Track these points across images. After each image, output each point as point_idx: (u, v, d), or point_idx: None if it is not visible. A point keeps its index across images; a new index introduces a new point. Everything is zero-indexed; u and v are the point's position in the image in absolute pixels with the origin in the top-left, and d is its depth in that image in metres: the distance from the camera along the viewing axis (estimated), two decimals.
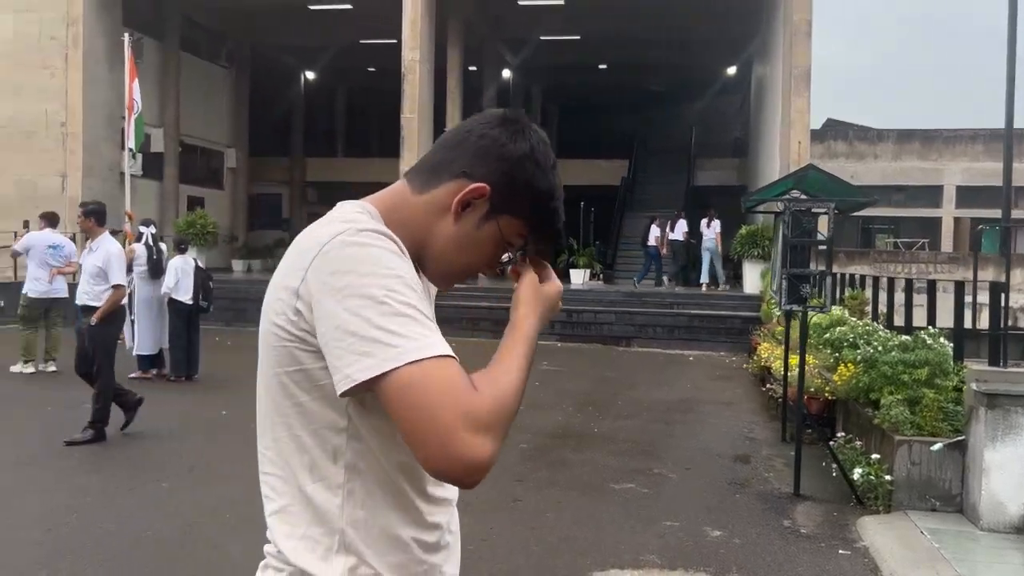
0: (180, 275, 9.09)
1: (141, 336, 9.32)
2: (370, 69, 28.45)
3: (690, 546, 4.57)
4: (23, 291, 9.51)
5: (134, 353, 9.31)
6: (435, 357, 1.02)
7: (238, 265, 22.72)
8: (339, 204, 1.25)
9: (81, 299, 6.61)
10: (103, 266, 6.50)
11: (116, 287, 6.53)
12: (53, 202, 17.32)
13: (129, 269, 9.64)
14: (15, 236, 15.37)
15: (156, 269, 9.38)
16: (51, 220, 9.94)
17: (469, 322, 14.60)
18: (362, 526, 1.12)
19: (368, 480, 1.13)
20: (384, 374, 1.01)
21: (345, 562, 1.12)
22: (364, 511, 1.13)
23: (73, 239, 12.38)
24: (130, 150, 12.83)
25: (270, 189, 27.68)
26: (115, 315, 6.72)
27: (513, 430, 1.10)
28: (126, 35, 13.22)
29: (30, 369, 9.50)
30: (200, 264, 9.50)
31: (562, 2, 20.53)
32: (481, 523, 4.55)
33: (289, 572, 1.14)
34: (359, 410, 1.11)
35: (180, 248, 9.34)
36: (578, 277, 19.36)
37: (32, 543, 4.30)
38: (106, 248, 6.59)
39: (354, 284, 1.04)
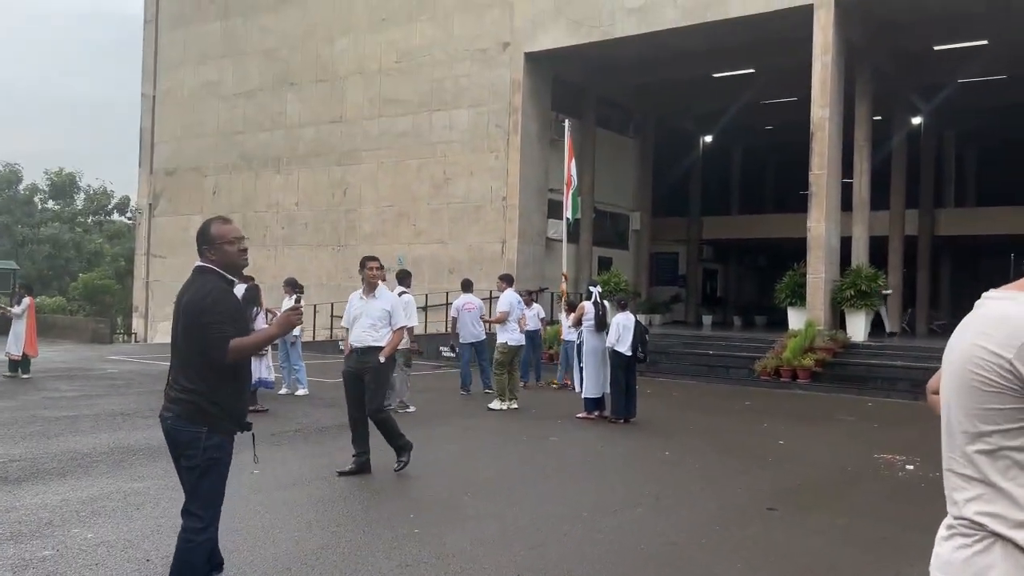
0: (622, 330, 10.35)
1: (588, 381, 10.74)
2: (767, 127, 28.83)
3: None
4: (502, 340, 11.52)
5: (582, 396, 10.76)
6: None
7: (641, 319, 24.25)
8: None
9: (365, 342, 7.04)
10: (390, 310, 7.11)
11: (402, 329, 7.27)
12: (495, 264, 20.42)
13: (579, 323, 11.24)
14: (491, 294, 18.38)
15: (601, 323, 10.79)
16: (510, 281, 11.97)
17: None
18: None
19: None
20: None
21: None
22: None
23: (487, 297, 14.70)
24: (567, 219, 14.81)
25: (668, 248, 29.16)
26: (393, 356, 7.28)
27: None
28: (567, 122, 15.32)
29: (505, 406, 11.38)
30: (639, 320, 10.70)
31: (985, 43, 19.14)
32: None
33: (981, 536, 1.57)
34: None
35: (622, 306, 10.63)
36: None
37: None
38: (389, 295, 7.32)
39: None
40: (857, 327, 17.00)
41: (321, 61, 24.19)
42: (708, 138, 29.01)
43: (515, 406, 11.38)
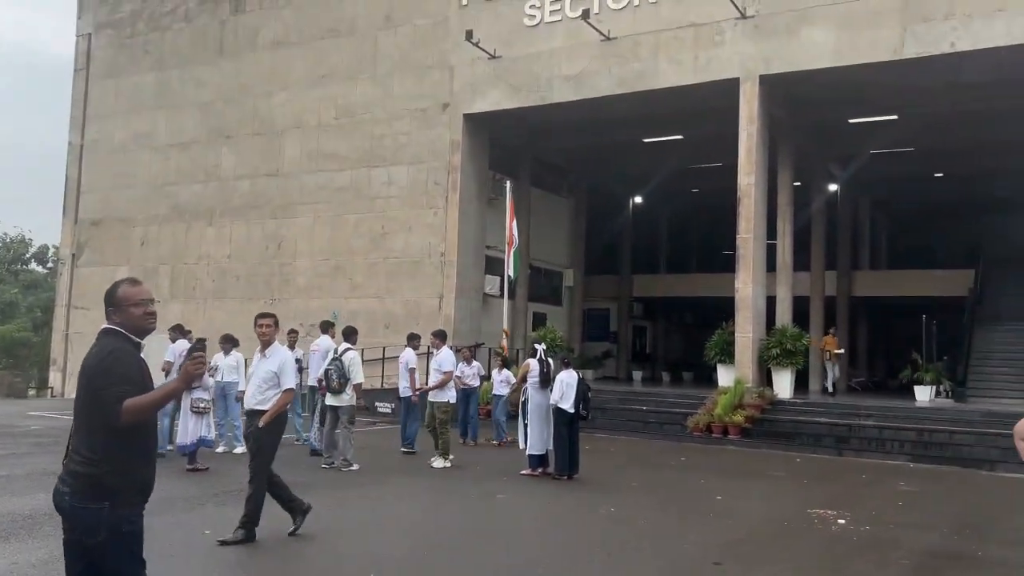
0: (565, 388, 10.60)
1: (532, 438, 10.91)
2: (693, 190, 29.98)
3: None
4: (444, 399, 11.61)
5: (527, 453, 10.92)
6: None
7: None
8: None
9: (250, 404, 6.89)
10: (277, 371, 6.80)
11: (287, 391, 6.78)
12: (432, 319, 20.53)
13: (524, 380, 11.44)
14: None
15: (546, 380, 11.02)
16: (443, 338, 12.14)
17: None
18: None
19: None
20: None
21: None
22: None
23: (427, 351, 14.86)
24: (509, 277, 15.14)
25: (600, 304, 29.77)
26: (280, 419, 6.87)
27: (889, 547, 1.82)
28: (507, 183, 15.74)
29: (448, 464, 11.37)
30: (582, 377, 10.98)
31: (895, 117, 20.50)
32: None
33: None
34: None
35: (565, 364, 10.90)
36: (923, 394, 18.50)
37: None
38: (281, 354, 6.92)
39: None
40: (783, 384, 17.67)
41: (258, 115, 24.21)
42: (638, 199, 29.96)
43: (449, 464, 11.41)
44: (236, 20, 25.02)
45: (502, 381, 14.86)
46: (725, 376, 17.96)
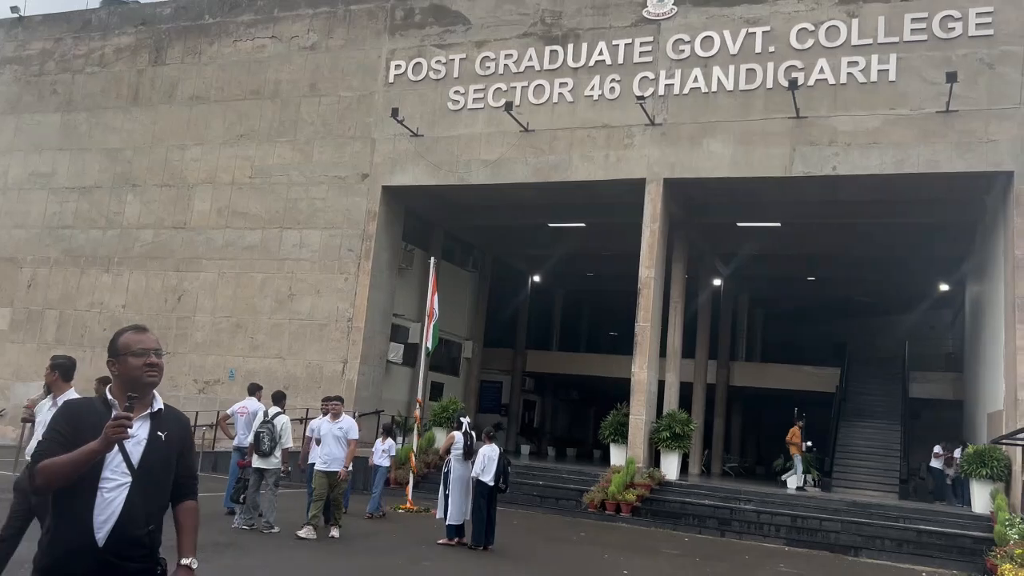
0: (487, 461, 11.18)
1: (452, 508, 11.37)
2: (588, 274, 31.48)
3: None
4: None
5: (446, 523, 11.35)
6: None
7: None
8: None
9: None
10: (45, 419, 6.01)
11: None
12: (334, 383, 20.70)
13: (448, 451, 11.93)
14: (307, 413, 18.51)
15: (469, 452, 11.56)
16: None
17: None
18: None
19: None
20: None
21: None
22: None
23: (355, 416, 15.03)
24: (427, 349, 15.66)
25: (493, 377, 30.47)
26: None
27: None
28: (432, 260, 16.43)
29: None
30: (503, 451, 11.58)
31: (778, 224, 22.52)
32: None
33: None
34: None
35: (490, 437, 11.49)
36: (793, 482, 20.01)
37: None
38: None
39: None
40: (671, 465, 18.75)
41: (169, 167, 24.05)
42: (537, 278, 31.17)
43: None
44: (154, 71, 24.98)
45: (384, 451, 14.22)
46: (617, 455, 18.89)
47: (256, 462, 10.92)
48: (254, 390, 12.89)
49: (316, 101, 22.77)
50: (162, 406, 3.15)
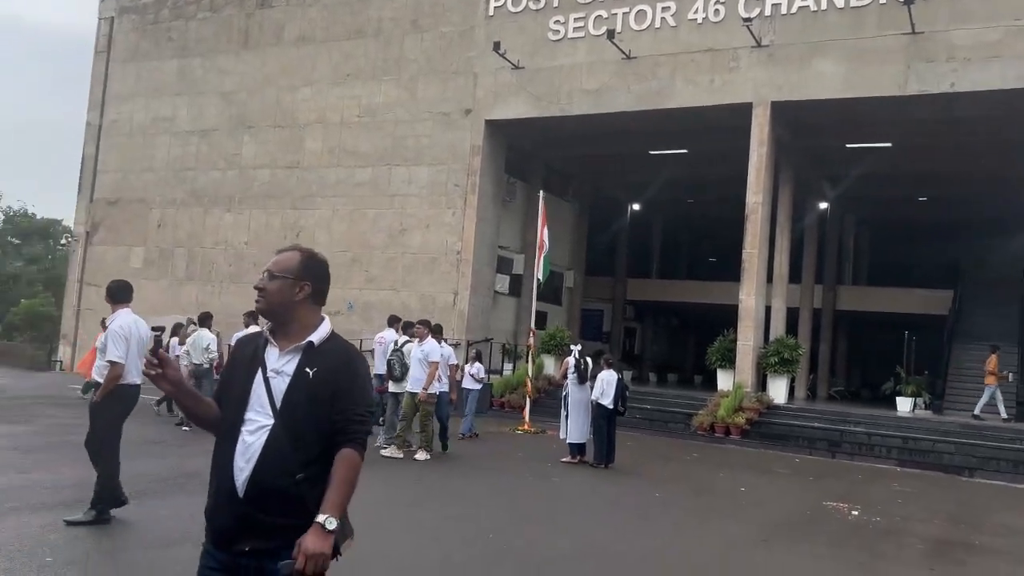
0: (605, 385, 11.77)
1: (572, 428, 12.07)
2: (689, 201, 31.31)
3: None
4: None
5: (567, 441, 12.08)
6: None
7: None
8: None
9: (92, 376, 6.97)
10: (103, 341, 6.63)
11: (111, 363, 6.47)
12: (447, 313, 21.60)
13: (564, 376, 12.59)
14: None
15: (583, 377, 12.19)
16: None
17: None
18: None
19: None
20: None
21: None
22: None
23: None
24: (538, 280, 16.26)
25: (595, 306, 30.99)
26: (115, 393, 6.50)
27: (902, 535, 2.79)
28: (541, 193, 16.85)
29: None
30: (620, 376, 12.15)
31: (889, 144, 21.91)
32: None
33: None
34: None
35: (609, 363, 12.06)
36: (904, 405, 19.99)
37: None
38: (111, 325, 6.57)
39: None
40: (778, 390, 19.00)
41: (281, 108, 25.02)
42: (636, 206, 31.23)
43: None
44: (262, 14, 25.78)
45: (472, 375, 14.55)
46: (724, 379, 19.25)
47: (391, 387, 11.78)
48: (392, 322, 13.74)
49: (418, 38, 23.18)
50: (321, 337, 2.71)
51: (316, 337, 2.71)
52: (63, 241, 40.46)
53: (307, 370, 2.64)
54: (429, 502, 8.57)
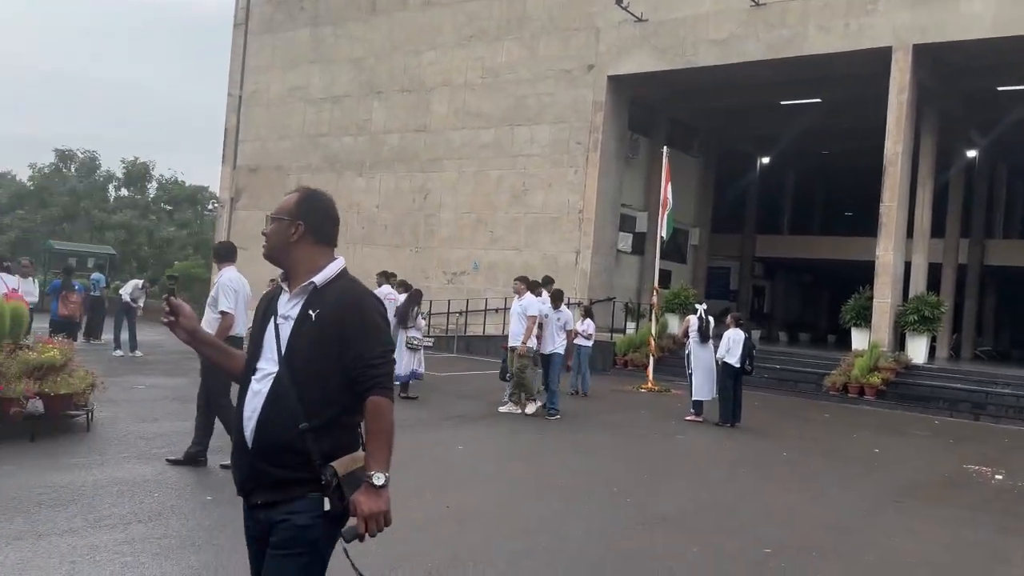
0: (732, 344, 11.63)
1: (696, 386, 12.02)
2: (823, 152, 29.98)
3: None
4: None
5: (692, 399, 12.05)
6: None
7: None
8: None
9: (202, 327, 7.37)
10: (215, 295, 6.90)
11: (223, 313, 6.78)
12: (569, 273, 21.73)
13: (686, 334, 12.52)
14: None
15: (705, 335, 12.09)
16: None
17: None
18: None
19: None
20: None
21: None
22: None
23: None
24: (662, 237, 16.13)
25: (721, 263, 30.35)
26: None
27: None
28: (665, 149, 16.61)
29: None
30: (748, 335, 11.96)
31: None
32: None
33: None
34: None
35: (737, 321, 11.89)
36: None
37: None
38: (220, 280, 6.96)
39: None
40: (918, 349, 18.13)
41: (408, 72, 25.57)
42: (765, 159, 30.19)
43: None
44: None
45: (582, 332, 14.29)
46: (859, 339, 18.55)
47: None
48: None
49: None
50: (325, 278, 2.57)
51: (320, 278, 2.56)
52: (210, 206, 43.08)
53: (310, 312, 2.50)
54: (551, 455, 8.81)
